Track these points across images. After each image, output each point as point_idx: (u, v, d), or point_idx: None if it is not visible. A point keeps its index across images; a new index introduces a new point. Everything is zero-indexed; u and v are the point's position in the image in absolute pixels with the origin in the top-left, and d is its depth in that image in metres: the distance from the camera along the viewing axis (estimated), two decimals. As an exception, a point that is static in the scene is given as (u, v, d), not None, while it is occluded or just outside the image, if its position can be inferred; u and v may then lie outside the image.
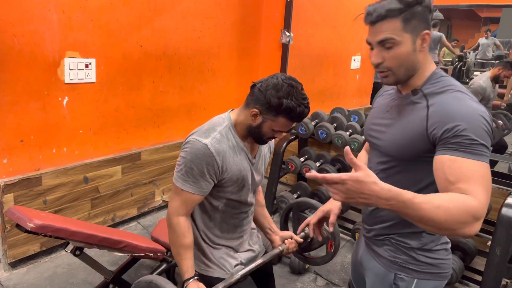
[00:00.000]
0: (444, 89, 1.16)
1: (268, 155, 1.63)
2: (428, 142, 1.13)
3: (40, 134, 2.61)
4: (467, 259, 2.65)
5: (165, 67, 3.26)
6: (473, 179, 1.02)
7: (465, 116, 1.07)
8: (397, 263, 1.29)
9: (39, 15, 2.44)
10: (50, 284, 2.53)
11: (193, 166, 1.34)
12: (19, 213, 1.71)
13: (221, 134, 1.39)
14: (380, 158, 1.29)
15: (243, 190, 1.48)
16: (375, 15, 1.13)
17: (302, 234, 1.67)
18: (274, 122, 1.37)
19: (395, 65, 1.16)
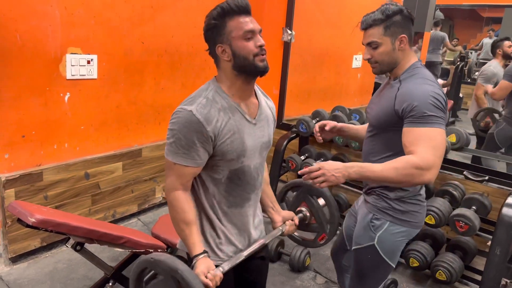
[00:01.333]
0: (412, 76, 1.58)
1: (272, 119, 1.49)
2: (395, 115, 1.54)
3: (41, 129, 2.61)
4: (467, 258, 2.65)
5: (166, 64, 3.26)
6: (420, 141, 1.42)
7: (417, 96, 1.47)
8: (377, 207, 1.68)
9: (41, 11, 2.44)
10: (51, 279, 2.54)
11: (180, 136, 1.26)
12: (20, 207, 1.72)
13: (207, 98, 1.30)
14: (369, 128, 1.73)
15: (245, 155, 1.35)
16: (365, 24, 1.61)
17: (300, 215, 1.66)
18: (233, 32, 1.27)
19: (379, 59, 1.62)
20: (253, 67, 1.29)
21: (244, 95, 1.37)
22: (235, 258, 1.37)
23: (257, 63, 1.29)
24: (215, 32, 1.30)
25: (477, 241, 2.73)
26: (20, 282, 2.49)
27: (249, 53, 1.28)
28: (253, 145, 1.37)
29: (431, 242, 2.76)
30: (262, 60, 1.30)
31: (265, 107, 1.46)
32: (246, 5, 1.29)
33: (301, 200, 1.70)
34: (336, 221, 1.66)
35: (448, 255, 2.58)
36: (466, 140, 2.94)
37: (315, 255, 2.96)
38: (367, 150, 1.72)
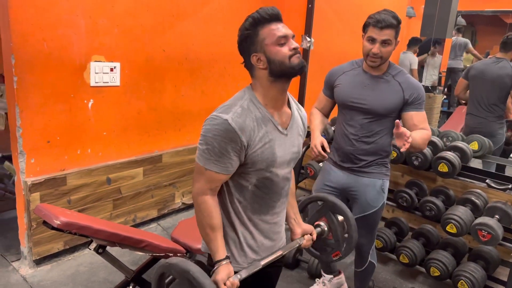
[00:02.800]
0: (399, 72, 2.04)
1: (302, 130, 1.50)
2: (401, 103, 2.00)
3: (65, 135, 2.68)
4: (489, 268, 2.59)
5: (186, 71, 3.32)
6: (425, 121, 2.03)
7: (419, 88, 2.03)
8: (382, 173, 2.15)
9: (67, 20, 2.52)
10: (73, 281, 2.59)
11: (214, 143, 1.26)
12: (46, 210, 1.76)
13: (242, 108, 1.30)
14: (364, 115, 2.04)
15: (274, 165, 1.37)
16: (383, 24, 1.89)
17: (318, 229, 1.67)
18: (266, 39, 1.29)
19: (385, 56, 1.96)
20: (291, 69, 1.30)
21: (277, 104, 1.38)
22: (253, 266, 1.38)
23: (293, 63, 1.30)
24: (249, 42, 1.32)
25: (500, 250, 2.67)
26: (43, 284, 2.55)
27: (284, 57, 1.29)
28: (283, 155, 1.38)
29: (453, 251, 2.71)
30: (297, 57, 1.31)
31: (297, 118, 1.48)
32: (277, 13, 1.32)
33: (322, 215, 1.71)
34: (353, 243, 1.68)
35: (470, 265, 2.53)
36: (488, 148, 2.90)
37: (334, 262, 2.94)
38: (363, 133, 2.07)
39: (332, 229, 1.68)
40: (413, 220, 3.14)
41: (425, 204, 2.74)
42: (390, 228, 3.02)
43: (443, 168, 2.63)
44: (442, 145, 2.84)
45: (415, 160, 2.76)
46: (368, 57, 1.96)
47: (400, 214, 3.16)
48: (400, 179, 3.16)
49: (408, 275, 2.89)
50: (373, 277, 2.79)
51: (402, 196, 2.86)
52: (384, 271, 2.93)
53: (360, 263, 2.36)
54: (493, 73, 3.59)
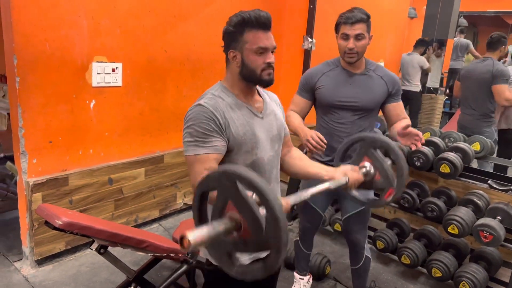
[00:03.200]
0: (377, 67, 2.12)
1: (280, 112, 1.55)
2: (386, 95, 2.09)
3: (67, 135, 2.69)
4: (491, 269, 2.59)
5: (188, 72, 3.32)
6: (404, 110, 2.16)
7: (398, 79, 2.15)
8: None
9: (69, 20, 2.53)
10: (74, 282, 2.59)
11: (195, 127, 1.33)
12: (48, 210, 1.77)
13: (213, 95, 1.39)
14: (355, 112, 2.08)
15: (258, 147, 1.40)
16: (354, 19, 1.94)
17: (364, 170, 1.56)
18: (248, 43, 1.33)
19: (360, 51, 1.99)
20: (258, 80, 1.38)
21: (248, 95, 1.44)
22: (301, 194, 1.30)
23: (263, 77, 1.37)
24: (231, 38, 1.37)
25: (502, 252, 2.66)
26: (45, 284, 2.55)
27: (257, 67, 1.35)
28: (264, 137, 1.43)
29: (454, 252, 2.70)
30: (268, 74, 1.37)
31: (269, 103, 1.52)
32: (266, 21, 1.34)
33: (363, 154, 1.59)
34: (405, 174, 1.54)
35: (472, 266, 2.53)
36: (490, 148, 2.89)
37: (335, 263, 2.94)
38: (355, 130, 2.09)
39: (378, 166, 1.56)
40: (414, 221, 3.13)
41: (427, 205, 2.74)
42: (391, 229, 3.01)
43: (445, 169, 2.63)
44: (444, 146, 2.84)
45: (417, 161, 2.76)
46: (345, 54, 2.01)
47: (402, 215, 3.16)
48: (401, 180, 3.15)
49: (410, 276, 2.88)
50: (374, 278, 2.79)
51: (404, 197, 2.86)
52: (386, 272, 2.93)
53: (357, 260, 2.36)
54: (478, 72, 3.70)
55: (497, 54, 3.67)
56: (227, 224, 1.02)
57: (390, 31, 5.14)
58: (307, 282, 2.57)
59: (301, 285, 2.55)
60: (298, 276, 2.56)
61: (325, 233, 3.41)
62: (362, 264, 2.35)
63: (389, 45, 5.17)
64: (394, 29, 5.25)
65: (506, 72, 3.56)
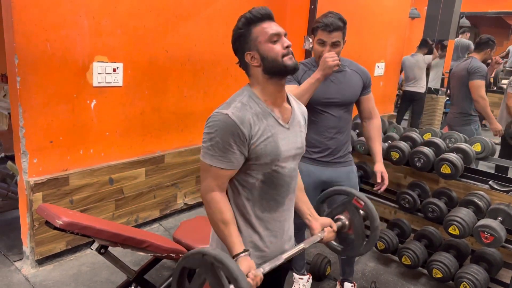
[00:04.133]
0: (349, 62, 2.24)
1: (303, 124, 1.52)
2: (362, 87, 2.24)
3: (68, 135, 2.69)
4: (492, 270, 2.58)
5: (189, 72, 3.32)
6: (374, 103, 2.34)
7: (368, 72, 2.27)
8: (352, 159, 2.36)
9: (71, 20, 2.53)
10: (75, 281, 2.60)
11: (217, 139, 1.28)
12: (48, 210, 1.77)
13: (242, 103, 1.33)
14: (340, 108, 2.19)
15: (279, 159, 1.37)
16: (332, 27, 1.99)
17: (339, 223, 1.63)
18: (259, 37, 1.32)
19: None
20: (283, 67, 1.33)
21: (276, 100, 1.39)
22: (275, 260, 1.35)
23: (286, 63, 1.33)
24: (242, 41, 1.35)
25: (503, 253, 2.66)
26: (45, 284, 2.55)
27: (277, 54, 1.32)
28: (287, 149, 1.39)
29: (455, 253, 2.70)
30: (290, 59, 1.33)
31: (297, 113, 1.49)
32: (269, 12, 1.35)
33: (345, 209, 1.68)
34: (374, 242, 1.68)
35: (473, 266, 2.52)
36: (491, 149, 2.89)
37: (336, 263, 2.93)
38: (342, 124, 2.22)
39: (354, 224, 1.65)
40: (415, 221, 3.13)
41: (428, 206, 2.74)
42: (392, 229, 3.01)
43: (446, 169, 2.63)
44: (445, 146, 2.84)
45: (418, 162, 2.75)
46: (321, 59, 2.05)
47: (403, 216, 3.15)
48: (402, 181, 3.15)
49: (410, 277, 2.88)
50: (375, 278, 2.79)
51: (405, 197, 2.85)
52: (386, 272, 2.93)
53: None
54: (458, 71, 3.82)
55: (482, 55, 3.78)
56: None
57: (391, 32, 5.13)
58: (306, 282, 2.56)
59: (301, 285, 2.55)
60: (297, 276, 2.56)
61: (325, 233, 3.41)
62: None
63: (390, 45, 5.16)
64: (395, 30, 5.24)
65: (481, 68, 3.63)
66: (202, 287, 1.15)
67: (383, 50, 5.01)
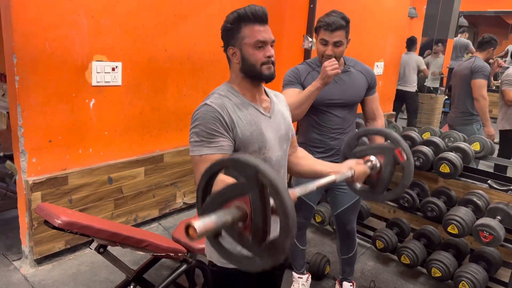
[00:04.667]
0: (355, 62, 2.23)
1: (286, 111, 1.54)
2: (367, 88, 2.21)
3: (67, 134, 2.69)
4: (491, 270, 2.59)
5: (189, 71, 3.32)
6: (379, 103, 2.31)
7: (373, 72, 2.27)
8: None
9: (69, 20, 2.53)
10: (74, 281, 2.59)
11: (201, 127, 1.31)
12: (47, 210, 1.77)
13: (220, 94, 1.38)
14: (343, 108, 2.16)
15: (266, 146, 1.38)
16: (334, 27, 1.97)
17: (369, 163, 1.53)
18: (246, 38, 1.33)
19: (339, 56, 2.05)
20: (259, 75, 1.37)
21: (254, 94, 1.43)
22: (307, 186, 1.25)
23: (263, 72, 1.36)
24: (229, 35, 1.37)
25: (502, 252, 2.66)
26: (44, 284, 2.55)
27: (257, 61, 1.35)
28: (272, 137, 1.41)
29: (454, 252, 2.70)
30: (268, 68, 1.36)
31: (277, 102, 1.51)
32: (263, 15, 1.34)
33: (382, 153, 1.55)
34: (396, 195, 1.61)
35: (472, 266, 2.53)
36: (490, 148, 2.89)
37: (335, 263, 2.93)
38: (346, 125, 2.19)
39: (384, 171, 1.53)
40: (414, 220, 3.13)
41: (427, 205, 2.74)
42: (391, 228, 3.01)
43: (445, 168, 2.63)
44: (444, 145, 2.84)
45: (417, 161, 2.75)
46: (324, 58, 2.05)
47: (402, 215, 3.15)
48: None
49: (410, 276, 2.88)
50: (374, 277, 2.79)
51: (404, 196, 2.86)
52: (385, 271, 2.93)
53: (350, 248, 2.44)
54: (461, 70, 3.83)
55: (485, 54, 3.78)
56: (235, 214, 0.98)
57: (390, 31, 5.13)
58: (305, 281, 2.57)
59: (300, 284, 2.55)
60: (296, 275, 2.56)
61: (324, 232, 3.41)
62: (354, 252, 2.45)
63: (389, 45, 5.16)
64: (394, 29, 5.24)
65: (485, 68, 3.63)
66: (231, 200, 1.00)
67: (382, 50, 5.01)
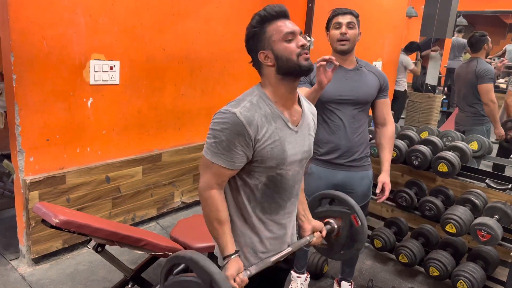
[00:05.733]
0: (367, 63, 2.22)
1: (313, 127, 1.49)
2: (378, 89, 2.18)
3: (65, 133, 2.68)
4: (489, 268, 2.59)
5: (186, 70, 3.31)
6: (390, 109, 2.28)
7: (385, 75, 2.24)
8: (370, 164, 2.29)
9: (67, 18, 2.52)
10: (72, 280, 2.59)
11: (222, 137, 1.25)
12: (45, 209, 1.76)
13: (251, 103, 1.29)
14: (354, 107, 2.13)
15: (285, 163, 1.34)
16: (345, 10, 2.09)
17: (328, 227, 1.64)
18: (273, 36, 1.29)
19: (352, 38, 2.06)
20: (297, 67, 1.29)
21: (287, 102, 1.36)
22: (263, 262, 1.35)
23: (301, 62, 1.29)
24: (256, 39, 1.31)
25: (499, 251, 2.66)
26: (42, 283, 2.54)
27: (291, 53, 1.28)
28: (293, 153, 1.36)
29: (452, 251, 2.71)
30: (306, 59, 1.30)
31: (308, 115, 1.45)
32: (284, 10, 1.32)
33: (340, 217, 1.68)
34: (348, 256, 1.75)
35: (470, 264, 2.53)
36: (488, 148, 2.90)
37: (333, 262, 2.94)
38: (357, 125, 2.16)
39: (341, 234, 1.67)
40: (412, 220, 3.14)
41: (425, 204, 2.74)
42: (389, 227, 3.02)
43: (443, 168, 2.63)
44: (442, 145, 2.84)
45: (415, 160, 2.76)
46: (337, 42, 2.07)
47: (400, 214, 3.16)
48: (399, 179, 3.15)
49: (408, 275, 2.89)
50: (372, 276, 2.80)
51: (402, 195, 2.86)
52: (383, 270, 2.93)
53: None
54: (464, 73, 3.81)
55: (483, 53, 3.77)
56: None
57: (389, 30, 5.14)
58: (304, 281, 2.57)
59: (299, 283, 2.55)
60: (295, 274, 2.56)
61: (323, 232, 3.41)
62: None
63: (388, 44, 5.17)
64: (393, 28, 5.25)
65: (489, 71, 3.61)
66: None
67: (381, 49, 5.02)
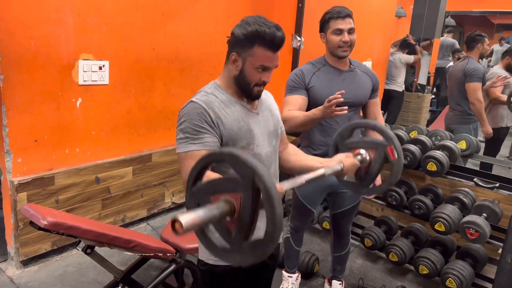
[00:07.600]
0: (359, 63, 2.20)
1: (275, 108, 1.54)
2: (371, 90, 2.18)
3: (53, 134, 2.65)
4: (477, 266, 2.62)
5: (176, 70, 3.30)
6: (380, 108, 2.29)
7: (376, 75, 2.22)
8: None
9: (55, 18, 2.49)
10: (61, 282, 2.56)
11: (187, 124, 1.32)
12: (32, 210, 1.74)
13: (206, 92, 1.39)
14: (350, 109, 2.00)
15: (254, 142, 1.40)
16: (345, 13, 1.99)
17: (359, 157, 1.52)
18: (253, 58, 1.33)
19: (353, 43, 2.04)
20: (248, 92, 1.40)
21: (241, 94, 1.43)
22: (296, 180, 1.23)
23: (253, 92, 1.39)
24: (239, 43, 1.35)
25: (488, 248, 2.70)
26: (31, 285, 2.51)
27: (253, 81, 1.37)
28: (260, 133, 1.43)
29: (441, 249, 2.73)
30: (258, 91, 1.40)
31: (264, 99, 1.52)
32: (280, 42, 1.33)
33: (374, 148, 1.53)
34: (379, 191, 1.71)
35: (458, 262, 2.56)
36: (476, 147, 2.93)
37: (324, 261, 2.95)
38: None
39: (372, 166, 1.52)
40: (402, 218, 3.16)
41: (414, 203, 2.77)
42: (379, 226, 3.04)
43: (432, 167, 2.66)
44: (431, 144, 2.87)
45: (404, 159, 2.78)
46: (339, 48, 2.02)
47: (390, 213, 3.18)
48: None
49: (398, 273, 2.91)
50: (362, 275, 2.81)
51: (391, 194, 2.88)
52: (374, 269, 2.95)
53: (344, 247, 2.48)
54: (456, 72, 3.85)
55: (476, 52, 3.78)
56: (223, 209, 0.95)
57: (378, 30, 5.17)
58: (295, 280, 2.57)
59: (290, 283, 2.55)
60: (286, 274, 2.56)
61: (313, 231, 3.42)
62: (347, 250, 2.48)
63: (377, 44, 5.20)
64: (382, 28, 5.28)
65: (477, 70, 3.65)
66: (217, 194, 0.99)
67: (370, 49, 5.04)
